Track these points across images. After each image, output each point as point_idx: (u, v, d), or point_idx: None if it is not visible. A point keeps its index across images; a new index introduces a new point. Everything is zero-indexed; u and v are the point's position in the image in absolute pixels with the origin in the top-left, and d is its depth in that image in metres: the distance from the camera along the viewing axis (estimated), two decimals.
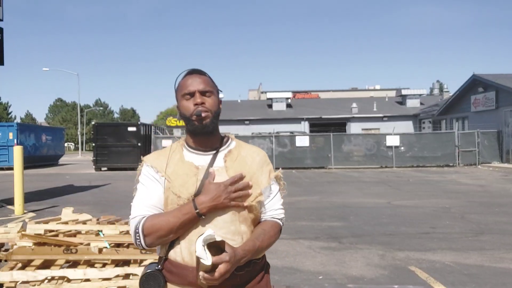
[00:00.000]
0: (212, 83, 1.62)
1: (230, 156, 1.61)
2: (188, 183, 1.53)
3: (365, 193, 11.68)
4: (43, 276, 3.17)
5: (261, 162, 1.63)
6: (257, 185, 1.57)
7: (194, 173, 1.55)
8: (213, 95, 1.59)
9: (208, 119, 1.55)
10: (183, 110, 1.59)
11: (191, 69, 1.64)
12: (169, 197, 1.54)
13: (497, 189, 12.26)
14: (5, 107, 65.28)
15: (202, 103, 1.56)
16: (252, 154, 1.64)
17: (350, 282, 4.32)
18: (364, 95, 46.03)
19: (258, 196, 1.55)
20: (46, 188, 13.16)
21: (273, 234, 1.60)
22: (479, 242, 5.96)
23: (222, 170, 1.56)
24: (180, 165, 1.57)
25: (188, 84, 1.58)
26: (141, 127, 22.28)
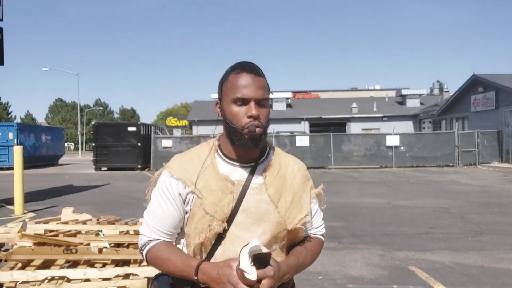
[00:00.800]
0: (268, 86, 1.38)
1: (271, 171, 1.41)
2: (223, 201, 1.33)
3: (365, 193, 11.68)
4: (43, 276, 3.18)
5: (303, 178, 1.47)
6: (300, 205, 1.41)
7: (230, 190, 1.35)
8: (268, 104, 1.36)
9: (260, 133, 1.33)
10: (232, 118, 1.33)
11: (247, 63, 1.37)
12: (198, 215, 1.34)
13: (497, 189, 12.26)
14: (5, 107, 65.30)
15: (258, 116, 1.31)
16: (293, 168, 1.46)
17: (350, 282, 4.33)
18: (364, 95, 46.02)
19: (304, 218, 1.41)
20: (46, 188, 13.16)
21: (316, 250, 1.48)
22: (479, 242, 5.96)
23: (262, 187, 1.37)
24: (214, 178, 1.35)
25: (243, 86, 1.31)
26: (141, 127, 22.27)
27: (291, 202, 1.39)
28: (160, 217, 1.37)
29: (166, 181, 1.38)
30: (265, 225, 1.35)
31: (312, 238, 1.49)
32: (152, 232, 1.38)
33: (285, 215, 1.37)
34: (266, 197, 1.36)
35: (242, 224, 1.34)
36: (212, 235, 1.32)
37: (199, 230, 1.33)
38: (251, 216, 1.34)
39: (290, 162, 1.48)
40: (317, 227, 1.51)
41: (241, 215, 1.34)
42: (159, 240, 1.37)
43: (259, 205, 1.35)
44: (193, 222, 1.35)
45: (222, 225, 1.32)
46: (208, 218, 1.32)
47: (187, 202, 1.36)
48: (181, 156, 1.43)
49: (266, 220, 1.35)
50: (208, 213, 1.32)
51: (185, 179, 1.36)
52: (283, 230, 1.38)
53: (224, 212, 1.32)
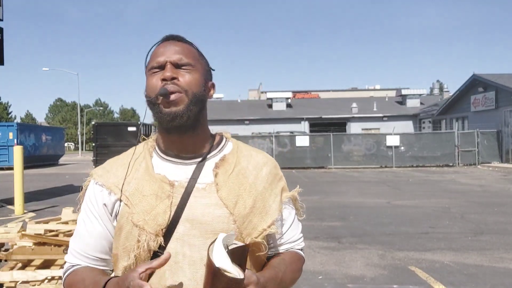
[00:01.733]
0: (196, 53, 1.11)
1: (224, 167, 1.09)
2: (157, 209, 1.02)
3: (365, 193, 11.68)
4: (43, 276, 3.18)
5: (270, 177, 1.13)
6: (265, 212, 1.08)
7: (167, 193, 1.04)
8: (194, 70, 1.07)
9: (182, 104, 1.03)
10: (148, 90, 1.07)
11: (167, 34, 1.13)
12: (126, 228, 1.03)
13: (497, 189, 12.26)
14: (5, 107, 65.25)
15: (173, 78, 1.03)
16: (256, 165, 1.13)
17: (350, 282, 4.33)
18: (364, 95, 46.01)
19: (267, 229, 1.06)
20: (46, 188, 13.16)
21: (295, 268, 1.14)
22: (478, 242, 5.96)
23: (211, 188, 1.05)
24: (147, 180, 1.06)
25: (159, 53, 1.07)
26: (141, 127, 22.27)
27: (251, 207, 1.06)
28: (83, 238, 1.09)
29: (90, 191, 1.11)
30: None
31: (289, 252, 1.16)
32: (74, 257, 1.10)
33: (242, 225, 1.03)
34: (217, 200, 1.04)
35: (185, 238, 1.01)
36: (143, 254, 1.01)
37: (127, 248, 1.03)
38: (197, 226, 1.02)
39: (254, 155, 1.15)
40: (295, 241, 1.18)
41: (183, 226, 1.02)
42: (81, 265, 1.09)
43: (207, 212, 1.03)
44: (120, 238, 1.04)
45: (156, 240, 1.00)
46: (137, 232, 1.01)
47: (115, 213, 1.07)
48: (112, 159, 1.18)
49: (217, 231, 0.99)
50: (136, 225, 1.01)
51: (111, 184, 1.08)
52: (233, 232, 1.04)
53: (158, 222, 1.01)
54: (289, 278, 1.10)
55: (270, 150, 20.62)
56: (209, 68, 1.16)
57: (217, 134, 1.19)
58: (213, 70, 1.18)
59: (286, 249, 1.16)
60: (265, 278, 0.98)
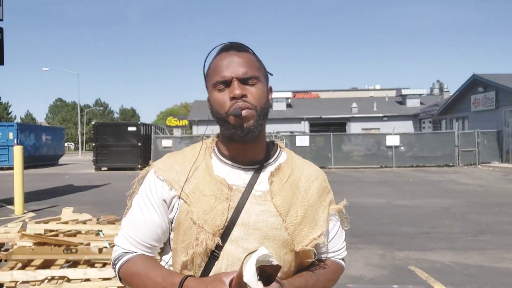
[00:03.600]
0: (258, 63, 1.12)
1: (279, 176, 1.13)
2: (216, 210, 1.07)
3: (365, 193, 11.67)
4: (43, 276, 3.18)
5: (321, 189, 1.18)
6: (314, 222, 1.13)
7: (226, 196, 1.09)
8: (259, 82, 1.09)
9: (252, 119, 1.07)
10: (215, 106, 1.09)
11: (227, 43, 1.13)
12: (185, 225, 1.08)
13: (497, 189, 12.26)
14: (5, 107, 65.27)
15: (243, 96, 1.06)
16: (309, 176, 1.18)
17: (350, 282, 4.33)
18: (364, 95, 46.00)
19: (317, 238, 1.12)
20: (46, 188, 13.16)
21: (332, 277, 1.19)
22: (479, 242, 5.96)
23: (267, 196, 1.10)
24: (207, 182, 1.10)
25: (222, 67, 1.08)
26: (141, 127, 22.27)
27: (302, 217, 1.11)
28: (140, 225, 1.12)
29: (151, 182, 1.14)
30: (268, 244, 1.07)
31: (330, 261, 1.21)
32: (128, 243, 1.13)
33: (293, 233, 1.09)
34: (272, 208, 1.09)
35: (239, 241, 1.06)
36: (201, 251, 1.06)
37: (185, 244, 1.08)
38: (251, 231, 1.07)
39: (306, 167, 1.20)
40: (337, 251, 1.23)
41: (238, 229, 1.07)
42: (136, 254, 1.13)
43: (262, 218, 1.08)
44: (179, 234, 1.09)
45: (213, 240, 1.05)
46: (196, 230, 1.06)
47: (172, 208, 1.12)
48: (172, 155, 1.20)
49: (270, 237, 1.07)
50: (196, 223, 1.06)
51: (172, 180, 1.12)
52: (289, 252, 1.10)
53: (216, 223, 1.06)
54: (321, 286, 1.14)
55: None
56: (267, 72, 1.17)
57: (272, 142, 1.23)
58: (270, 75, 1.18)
59: (329, 258, 1.22)
60: (292, 286, 1.03)
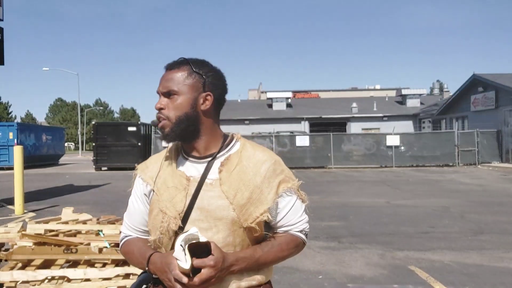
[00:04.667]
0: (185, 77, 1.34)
1: (228, 165, 1.34)
2: (176, 198, 1.32)
3: (365, 192, 11.68)
4: (43, 276, 3.18)
5: (268, 172, 1.35)
6: (260, 202, 1.31)
7: (184, 186, 1.33)
8: (178, 95, 1.32)
9: (167, 128, 1.33)
10: None
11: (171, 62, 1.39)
12: (154, 211, 1.36)
13: (497, 188, 12.27)
14: (5, 107, 65.22)
15: (160, 109, 1.34)
16: (256, 163, 1.35)
17: (350, 282, 4.33)
18: (364, 95, 46.01)
19: (260, 216, 1.30)
20: (46, 188, 13.16)
21: (285, 247, 1.36)
22: (478, 241, 5.97)
23: (216, 183, 1.32)
24: (171, 175, 1.36)
25: (159, 81, 1.37)
26: (141, 127, 22.27)
27: (248, 198, 1.30)
28: (132, 214, 1.44)
29: (135, 181, 1.46)
30: (219, 223, 1.29)
31: (282, 235, 1.38)
32: (126, 229, 1.46)
33: (240, 212, 1.29)
34: (220, 193, 1.30)
35: (197, 222, 1.29)
36: (165, 231, 1.31)
37: (155, 227, 1.34)
38: (204, 213, 1.30)
39: (257, 154, 1.38)
40: (293, 224, 1.38)
41: (195, 213, 1.30)
42: (132, 236, 1.44)
43: (212, 202, 1.30)
44: (150, 218, 1.37)
45: (175, 222, 1.30)
46: (161, 215, 1.32)
47: (150, 199, 1.40)
48: (154, 155, 1.50)
49: (219, 217, 1.29)
50: (161, 210, 1.33)
51: (148, 178, 1.41)
52: (239, 228, 1.30)
53: (176, 209, 1.31)
54: (273, 255, 1.34)
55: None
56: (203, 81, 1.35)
57: (230, 134, 1.45)
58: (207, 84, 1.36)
59: (284, 231, 1.39)
60: (236, 257, 1.26)
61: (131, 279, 3.25)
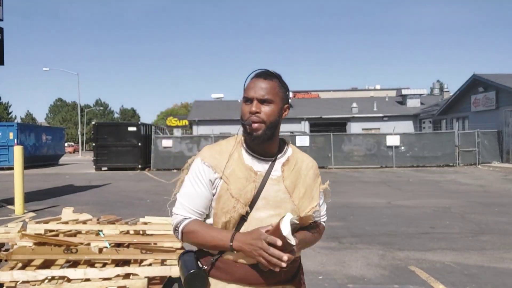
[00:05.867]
0: (278, 89, 1.58)
1: (288, 165, 1.62)
2: (247, 188, 1.54)
3: (365, 193, 11.67)
4: (43, 276, 3.18)
5: (314, 174, 1.69)
6: (311, 197, 1.64)
7: (253, 179, 1.56)
8: (273, 103, 1.56)
9: (260, 130, 1.54)
10: (241, 114, 1.59)
11: (261, 71, 1.61)
12: (224, 197, 1.54)
13: (497, 189, 12.26)
14: (5, 107, 65.22)
15: (257, 112, 1.54)
16: (307, 166, 1.68)
17: (350, 282, 4.33)
18: (364, 95, 45.97)
19: (315, 208, 1.62)
20: (46, 188, 13.16)
21: (320, 232, 1.72)
22: (479, 242, 5.96)
23: (280, 179, 1.59)
24: (240, 168, 1.57)
25: (250, 88, 1.56)
26: (141, 127, 22.27)
27: (304, 193, 1.61)
28: (193, 197, 1.57)
29: (200, 167, 1.58)
30: (281, 212, 1.52)
31: (318, 223, 1.72)
32: (185, 211, 1.57)
33: (298, 204, 1.58)
34: (283, 187, 1.57)
35: (261, 209, 1.54)
36: (236, 215, 1.52)
37: (225, 210, 1.53)
38: (269, 203, 1.55)
39: (305, 159, 1.70)
40: (322, 215, 1.76)
41: (261, 201, 1.54)
42: (192, 218, 1.57)
43: (277, 194, 1.56)
44: (220, 203, 1.54)
45: (245, 208, 1.52)
46: (233, 201, 1.52)
47: (215, 186, 1.56)
48: (211, 147, 1.64)
49: (282, 207, 1.55)
50: (234, 196, 1.52)
51: (215, 166, 1.56)
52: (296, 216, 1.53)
53: (247, 197, 1.52)
54: (313, 238, 1.67)
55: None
56: (287, 94, 1.62)
57: (283, 139, 1.71)
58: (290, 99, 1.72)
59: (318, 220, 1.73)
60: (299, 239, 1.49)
61: (131, 279, 3.25)
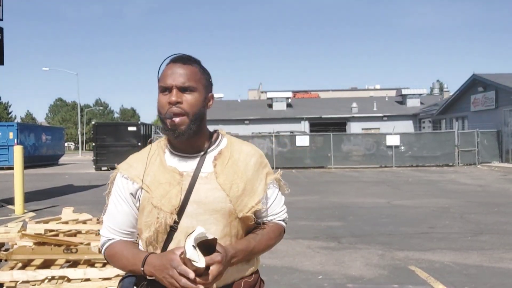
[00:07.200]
0: (200, 75, 1.35)
1: (221, 159, 1.38)
2: (171, 193, 1.32)
3: (365, 193, 11.68)
4: (43, 275, 3.18)
5: (256, 165, 1.41)
6: (253, 193, 1.37)
7: (178, 181, 1.33)
8: (196, 91, 1.32)
9: (183, 125, 1.30)
10: (158, 107, 1.34)
11: (177, 55, 1.37)
12: (147, 209, 1.33)
13: (497, 189, 12.26)
14: (5, 107, 65.18)
15: (178, 103, 1.30)
16: (246, 157, 1.41)
17: (350, 282, 4.33)
18: (364, 95, 46.00)
19: (255, 206, 1.36)
20: (46, 188, 13.17)
21: (273, 236, 1.43)
22: (478, 242, 5.97)
23: (212, 176, 1.34)
24: (162, 172, 1.35)
25: (167, 75, 1.32)
26: (141, 127, 22.30)
27: (243, 189, 1.35)
28: (115, 216, 1.39)
29: (118, 181, 1.40)
30: (217, 215, 1.31)
31: (268, 224, 1.44)
32: (109, 232, 1.40)
33: (236, 203, 1.33)
34: (216, 185, 1.33)
35: (193, 215, 1.31)
36: (161, 227, 1.30)
37: (149, 223, 1.33)
38: (202, 206, 1.31)
39: (244, 148, 1.43)
40: (277, 213, 1.46)
41: (191, 206, 1.31)
42: (116, 239, 1.39)
43: (209, 194, 1.32)
44: (143, 216, 1.34)
45: (171, 217, 1.30)
46: (156, 211, 1.31)
47: (138, 198, 1.37)
48: (133, 155, 1.45)
49: (217, 209, 1.32)
50: (155, 206, 1.31)
51: (133, 176, 1.37)
52: (234, 219, 1.33)
53: (172, 203, 1.30)
54: (264, 244, 1.39)
55: (270, 150, 20.59)
56: (210, 81, 1.40)
57: (215, 131, 1.46)
58: (211, 85, 1.42)
59: (270, 220, 1.45)
60: (235, 250, 1.28)
61: None
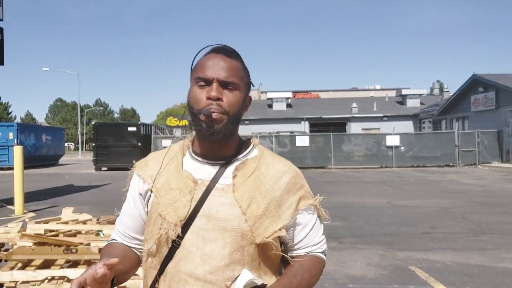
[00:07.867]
0: (242, 72, 1.17)
1: (243, 170, 1.16)
2: (179, 202, 1.13)
3: (365, 193, 11.67)
4: (43, 276, 3.17)
5: (289, 185, 1.18)
6: (277, 216, 1.14)
7: (190, 189, 1.14)
8: (238, 89, 1.14)
9: (221, 123, 1.11)
10: (192, 100, 1.14)
11: (220, 45, 1.18)
12: (154, 216, 1.16)
13: (497, 189, 12.26)
14: (5, 107, 65.20)
15: (218, 99, 1.11)
16: (276, 173, 1.18)
17: (351, 282, 4.32)
18: (364, 95, 45.99)
19: (277, 232, 1.13)
20: (46, 188, 13.15)
21: (314, 272, 1.19)
22: (479, 242, 5.96)
23: (228, 189, 1.14)
24: (175, 176, 1.17)
25: (207, 66, 1.13)
26: (141, 127, 22.29)
27: (264, 210, 1.12)
28: (122, 218, 1.25)
29: (131, 179, 1.26)
30: (227, 235, 1.09)
31: (309, 256, 1.21)
32: (114, 233, 1.27)
33: (253, 225, 1.10)
34: (232, 200, 1.12)
35: (199, 231, 1.10)
36: (162, 239, 1.12)
37: (151, 234, 1.15)
38: (211, 221, 1.10)
39: (276, 163, 1.21)
40: (316, 244, 1.22)
41: (200, 220, 1.11)
42: (116, 241, 1.24)
43: (222, 209, 1.11)
44: (149, 225, 1.17)
45: (175, 229, 1.10)
46: (160, 220, 1.13)
47: (147, 201, 1.20)
48: (153, 153, 1.29)
49: (228, 228, 1.10)
50: (160, 214, 1.13)
51: (146, 176, 1.21)
52: (249, 244, 1.10)
53: (178, 214, 1.11)
54: (305, 284, 1.15)
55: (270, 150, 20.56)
56: (250, 82, 1.21)
57: (248, 140, 1.27)
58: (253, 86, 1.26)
59: (307, 253, 1.21)
60: None
61: (131, 279, 3.24)
